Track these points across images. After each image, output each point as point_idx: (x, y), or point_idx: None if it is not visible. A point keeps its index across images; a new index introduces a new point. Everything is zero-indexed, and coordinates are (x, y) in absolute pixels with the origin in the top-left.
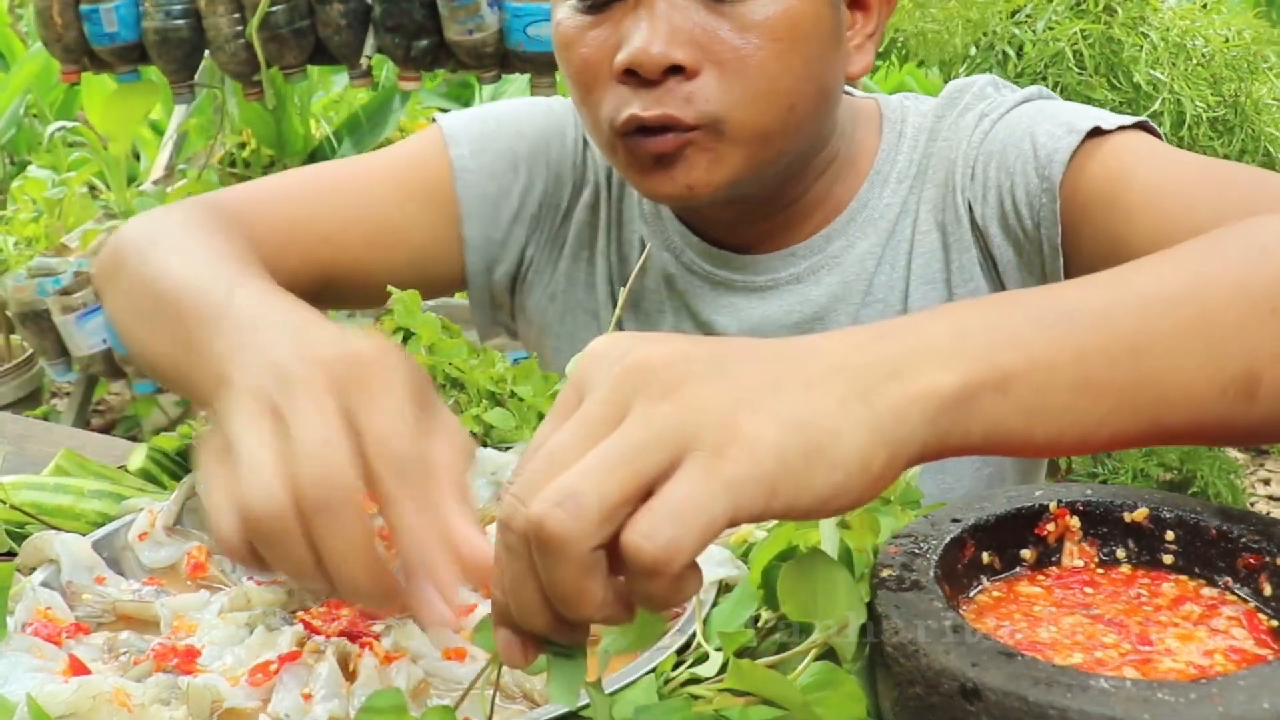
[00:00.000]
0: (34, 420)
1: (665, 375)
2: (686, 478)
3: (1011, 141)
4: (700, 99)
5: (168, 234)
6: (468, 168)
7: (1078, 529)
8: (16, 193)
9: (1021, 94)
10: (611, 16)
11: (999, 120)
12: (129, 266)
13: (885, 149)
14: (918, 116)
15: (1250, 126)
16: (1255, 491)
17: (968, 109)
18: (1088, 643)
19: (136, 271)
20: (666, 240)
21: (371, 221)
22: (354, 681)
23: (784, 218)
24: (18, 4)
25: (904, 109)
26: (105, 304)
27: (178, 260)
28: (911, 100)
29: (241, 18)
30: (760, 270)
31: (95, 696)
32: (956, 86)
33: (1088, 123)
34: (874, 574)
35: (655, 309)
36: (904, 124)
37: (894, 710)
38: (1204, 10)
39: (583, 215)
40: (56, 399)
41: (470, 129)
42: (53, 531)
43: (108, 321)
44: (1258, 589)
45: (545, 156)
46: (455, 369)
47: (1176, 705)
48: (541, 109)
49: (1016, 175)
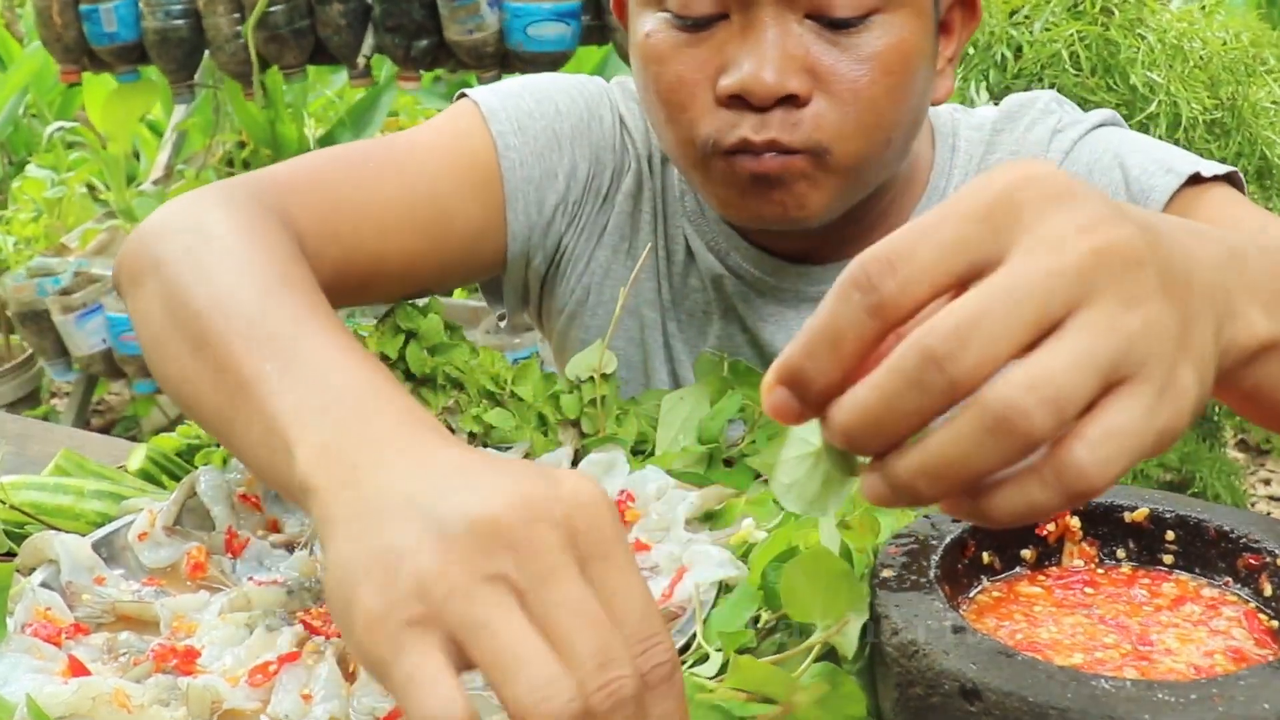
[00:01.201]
0: (34, 420)
1: (1134, 280)
2: (1133, 410)
3: (1099, 167)
4: (808, 126)
5: (210, 234)
6: (511, 145)
7: (1078, 529)
8: (16, 193)
9: (1097, 116)
10: (714, 36)
11: (1080, 140)
12: (165, 267)
13: (940, 164)
14: (969, 130)
15: (1247, 130)
16: (1255, 492)
17: (1035, 123)
18: (1088, 643)
19: (174, 276)
20: (711, 242)
21: (424, 207)
22: (354, 682)
23: (843, 234)
24: (16, 4)
25: (955, 121)
26: (129, 304)
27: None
28: (961, 113)
29: (241, 18)
30: (813, 281)
31: (95, 697)
32: (1018, 102)
33: (1187, 166)
34: (874, 574)
35: (701, 310)
36: (956, 138)
37: (894, 710)
38: (1203, 12)
39: (624, 204)
40: (56, 399)
41: (508, 105)
42: (52, 532)
43: (112, 322)
44: (1258, 589)
45: (587, 138)
46: (455, 369)
47: (1176, 705)
48: (577, 87)
49: None
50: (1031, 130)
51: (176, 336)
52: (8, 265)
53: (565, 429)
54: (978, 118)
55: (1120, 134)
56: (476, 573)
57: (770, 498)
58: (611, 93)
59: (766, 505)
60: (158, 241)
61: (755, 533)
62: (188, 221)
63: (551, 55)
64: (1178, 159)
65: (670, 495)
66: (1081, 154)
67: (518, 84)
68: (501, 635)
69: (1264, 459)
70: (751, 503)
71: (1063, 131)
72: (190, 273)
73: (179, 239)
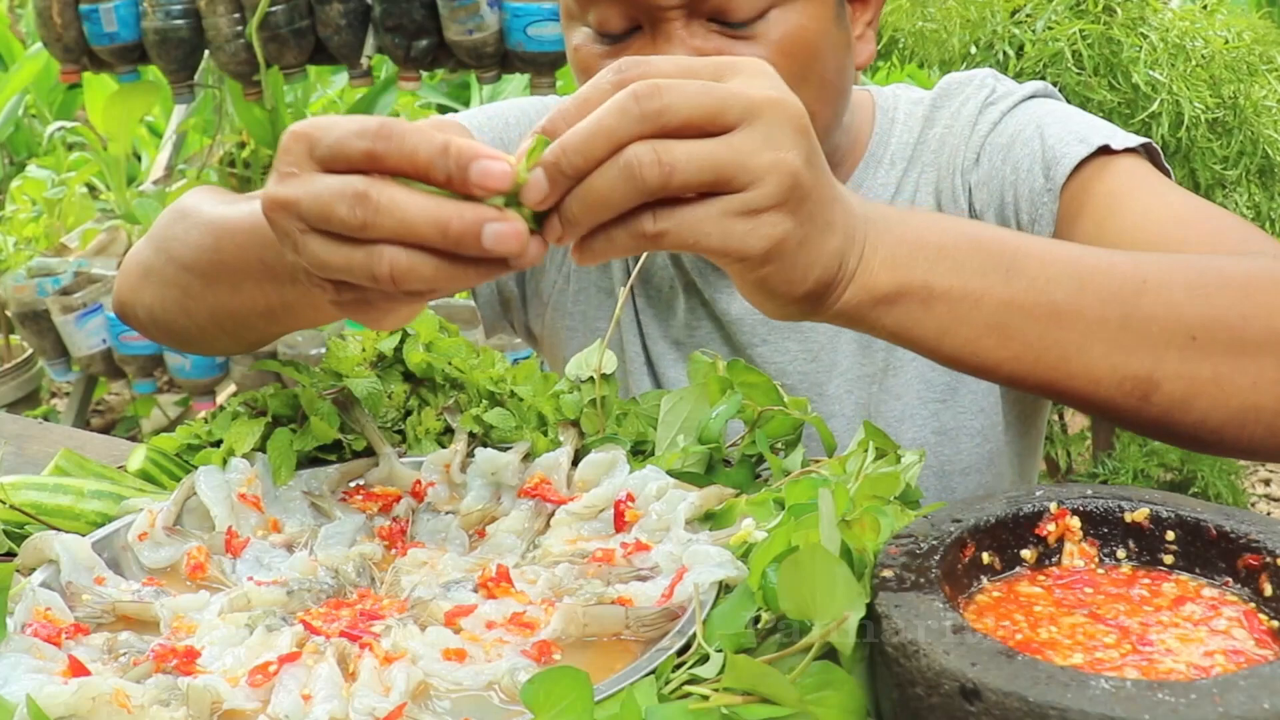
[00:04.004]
0: (34, 420)
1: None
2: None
3: (1021, 138)
4: None
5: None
6: None
7: (1078, 529)
8: (16, 193)
9: (1028, 88)
10: (630, 46)
11: (1008, 112)
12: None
13: (879, 134)
14: (909, 104)
15: (1249, 128)
16: (1255, 491)
17: (968, 99)
18: (1088, 643)
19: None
20: None
21: None
22: (354, 682)
23: None
24: (17, 4)
25: (896, 97)
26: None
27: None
28: (904, 89)
29: (241, 18)
30: None
31: (95, 698)
32: (955, 80)
33: (1099, 138)
34: (874, 574)
35: (667, 285)
36: (896, 110)
37: (894, 710)
38: (1204, 11)
39: None
40: (56, 399)
41: (475, 121)
42: (52, 532)
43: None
44: (1258, 589)
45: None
46: (455, 369)
47: (1176, 705)
48: (530, 102)
49: (1022, 171)
50: (965, 105)
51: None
52: (8, 265)
53: (565, 429)
54: (917, 94)
55: (1048, 105)
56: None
57: (770, 497)
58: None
59: (766, 505)
60: (148, 246)
61: (755, 533)
62: (170, 217)
63: (551, 55)
64: (1093, 130)
65: (670, 495)
66: (1008, 126)
67: (481, 109)
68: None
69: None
70: (751, 503)
71: (994, 104)
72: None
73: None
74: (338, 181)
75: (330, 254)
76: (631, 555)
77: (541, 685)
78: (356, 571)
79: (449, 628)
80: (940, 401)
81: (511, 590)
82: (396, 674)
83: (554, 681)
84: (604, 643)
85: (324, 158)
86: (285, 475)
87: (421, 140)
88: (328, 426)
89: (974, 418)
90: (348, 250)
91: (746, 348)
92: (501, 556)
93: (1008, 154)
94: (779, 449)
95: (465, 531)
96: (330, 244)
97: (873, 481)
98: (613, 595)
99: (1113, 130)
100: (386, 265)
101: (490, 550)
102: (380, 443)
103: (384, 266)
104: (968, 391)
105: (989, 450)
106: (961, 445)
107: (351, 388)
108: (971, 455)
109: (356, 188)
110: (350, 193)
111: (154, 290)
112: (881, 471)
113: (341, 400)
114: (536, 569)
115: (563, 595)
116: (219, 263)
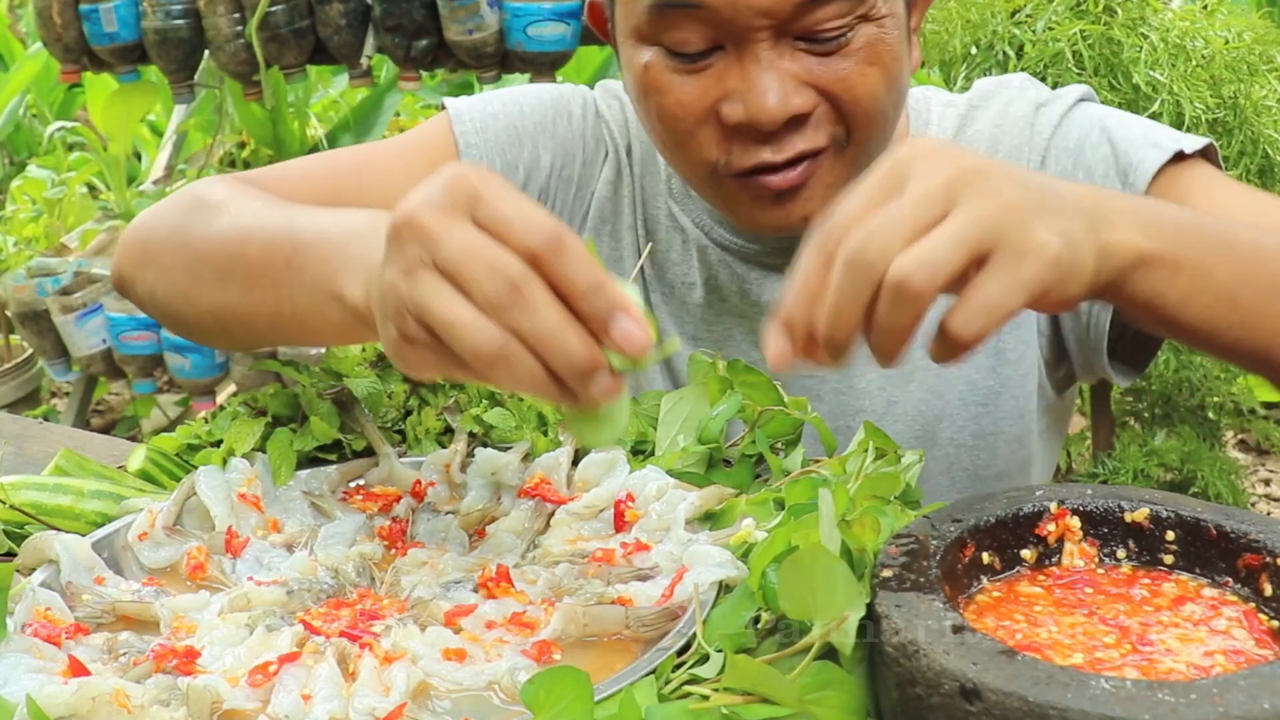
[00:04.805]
0: (34, 420)
1: (984, 183)
2: (996, 277)
3: (1089, 142)
4: (824, 125)
5: (213, 199)
6: (472, 143)
7: (1078, 529)
8: (16, 193)
9: (1075, 92)
10: (712, 66)
11: (1066, 115)
12: (180, 232)
13: (912, 136)
14: (941, 106)
15: (1249, 128)
16: (1255, 491)
17: (1014, 100)
18: (1088, 643)
19: (201, 236)
20: (697, 219)
21: (381, 196)
22: (354, 682)
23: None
24: (17, 4)
25: (926, 99)
26: (140, 282)
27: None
28: (932, 91)
29: (241, 18)
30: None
31: (95, 698)
32: (991, 83)
33: (1170, 142)
34: (874, 574)
35: (682, 281)
36: (929, 112)
37: (894, 710)
38: (1205, 11)
39: (604, 190)
40: (56, 399)
41: (474, 109)
42: (52, 532)
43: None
44: (1258, 589)
45: (551, 131)
46: None
47: (1176, 705)
48: (547, 90)
49: (1096, 176)
50: (1011, 106)
51: (205, 272)
52: (8, 265)
53: (565, 429)
54: (949, 97)
55: (1102, 110)
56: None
57: (770, 497)
58: (588, 93)
59: (766, 505)
60: (161, 225)
61: (755, 533)
62: (188, 201)
63: (551, 55)
64: (1161, 134)
65: (670, 495)
66: (1070, 130)
67: (492, 93)
68: (434, 307)
69: (1264, 459)
70: (751, 503)
71: (1046, 106)
72: (204, 223)
73: (185, 215)
74: (496, 254)
75: (444, 305)
76: (631, 555)
77: (541, 685)
78: (356, 571)
79: (449, 628)
80: (982, 405)
81: (511, 590)
82: (396, 674)
83: (554, 682)
84: (604, 642)
85: (484, 219)
86: (285, 475)
87: (583, 269)
88: (328, 426)
89: (1013, 424)
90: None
91: None
92: (501, 556)
93: (1078, 158)
94: (779, 449)
95: (465, 531)
96: (449, 294)
97: (873, 481)
98: (613, 595)
99: (1174, 133)
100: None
101: (490, 550)
102: (380, 443)
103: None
104: (1010, 397)
105: (1022, 457)
106: (999, 451)
107: (351, 388)
108: (1006, 461)
109: (514, 276)
110: (506, 274)
111: (158, 272)
112: (881, 471)
113: (341, 400)
114: (536, 569)
115: (563, 595)
116: (239, 258)
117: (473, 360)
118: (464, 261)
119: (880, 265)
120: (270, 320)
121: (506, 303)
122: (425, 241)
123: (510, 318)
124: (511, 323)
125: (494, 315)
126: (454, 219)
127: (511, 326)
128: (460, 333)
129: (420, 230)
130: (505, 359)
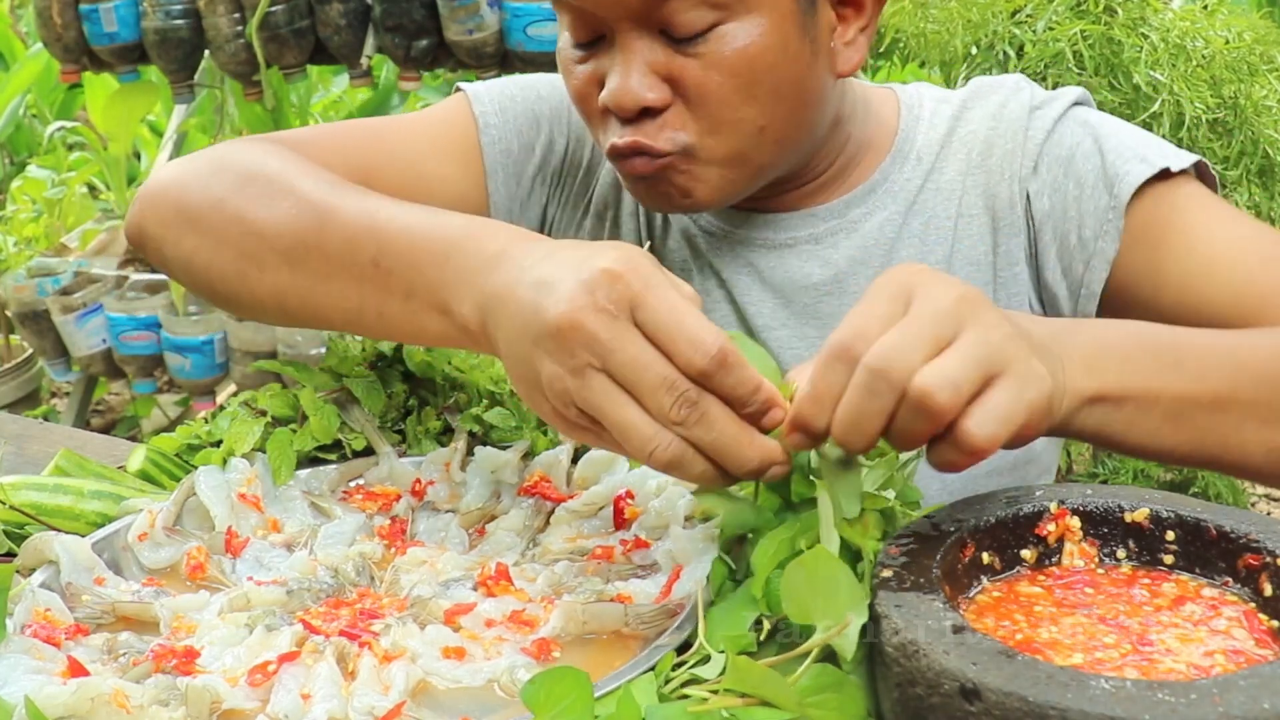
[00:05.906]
0: (34, 420)
1: (990, 313)
2: (1005, 393)
3: (1081, 150)
4: (670, 129)
5: (252, 166)
6: (491, 124)
7: (1078, 529)
8: (16, 193)
9: (1070, 94)
10: (598, 53)
11: (1060, 119)
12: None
13: (904, 130)
14: (934, 102)
15: (1250, 128)
16: (1255, 491)
17: (1009, 99)
18: (1088, 643)
19: (264, 217)
20: None
21: (409, 170)
22: (353, 681)
23: (803, 190)
24: (18, 4)
25: (920, 95)
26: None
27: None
28: (926, 88)
29: (241, 18)
30: (780, 229)
31: (94, 698)
32: (985, 82)
33: (1158, 157)
34: (874, 574)
35: (678, 268)
36: (920, 108)
37: (894, 710)
38: (1205, 11)
39: (607, 177)
40: (56, 399)
41: (492, 91)
42: (52, 532)
43: (112, 322)
44: (1258, 589)
45: (566, 118)
46: (455, 369)
47: (1176, 705)
48: (559, 78)
49: (1086, 187)
50: (1007, 105)
51: (269, 255)
52: (8, 265)
53: None
54: (943, 94)
55: (1096, 116)
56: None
57: None
58: None
59: None
60: (202, 190)
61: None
62: (232, 167)
63: (551, 55)
64: (1150, 148)
65: (669, 492)
66: (1064, 136)
67: (507, 79)
68: (608, 411)
69: None
70: None
71: (1041, 109)
72: (264, 200)
73: (235, 185)
74: (666, 370)
75: (619, 412)
76: (631, 552)
77: (542, 685)
78: (356, 571)
79: (448, 626)
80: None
81: (511, 588)
82: (396, 673)
83: (554, 682)
84: (603, 640)
85: (647, 326)
86: (285, 475)
87: (744, 379)
88: (328, 426)
89: None
90: (644, 420)
91: (764, 330)
92: (501, 554)
93: (1069, 167)
94: None
95: (465, 530)
96: (623, 401)
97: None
98: (612, 593)
99: (1165, 147)
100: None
101: (490, 548)
102: (380, 442)
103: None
104: None
105: (1022, 457)
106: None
107: (351, 388)
108: (1006, 461)
109: (688, 393)
110: (680, 391)
111: (200, 239)
112: (881, 471)
113: (341, 400)
114: (536, 567)
115: (562, 593)
116: (314, 248)
117: (647, 461)
118: (639, 376)
119: (903, 379)
120: (348, 315)
121: (683, 418)
122: (594, 348)
123: (687, 431)
124: (688, 436)
125: (671, 427)
126: (621, 328)
127: (688, 439)
128: (636, 438)
129: (589, 338)
130: (681, 464)
